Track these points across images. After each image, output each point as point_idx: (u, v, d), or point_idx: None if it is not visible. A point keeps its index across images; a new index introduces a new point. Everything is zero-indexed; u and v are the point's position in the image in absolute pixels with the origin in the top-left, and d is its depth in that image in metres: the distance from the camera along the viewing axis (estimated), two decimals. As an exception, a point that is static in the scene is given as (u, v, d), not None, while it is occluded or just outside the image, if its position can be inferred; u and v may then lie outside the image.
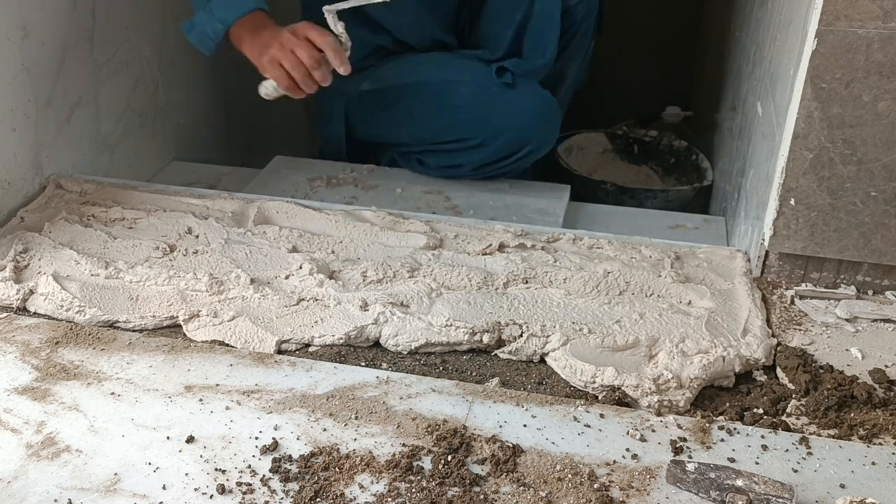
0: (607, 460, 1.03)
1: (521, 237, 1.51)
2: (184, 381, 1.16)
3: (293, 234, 1.52)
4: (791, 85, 1.33)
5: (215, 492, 0.97)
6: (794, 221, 1.36)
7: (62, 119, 1.71)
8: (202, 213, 1.59)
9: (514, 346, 1.24)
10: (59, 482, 0.99)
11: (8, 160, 1.58)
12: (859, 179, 1.31)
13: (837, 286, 1.40)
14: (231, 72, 2.37)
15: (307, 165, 2.05)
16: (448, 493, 0.97)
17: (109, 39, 1.81)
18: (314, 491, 0.97)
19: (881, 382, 1.18)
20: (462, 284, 1.38)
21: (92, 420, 1.09)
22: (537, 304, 1.33)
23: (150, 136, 2.03)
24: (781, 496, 0.93)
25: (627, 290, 1.37)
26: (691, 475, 0.97)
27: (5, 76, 1.53)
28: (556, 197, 1.91)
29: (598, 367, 1.17)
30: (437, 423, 1.08)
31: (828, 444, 1.06)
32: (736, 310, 1.32)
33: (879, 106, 1.26)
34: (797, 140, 1.30)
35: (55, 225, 1.52)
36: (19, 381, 1.15)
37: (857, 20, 1.22)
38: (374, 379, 1.17)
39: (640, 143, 2.58)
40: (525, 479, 0.99)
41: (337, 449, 1.04)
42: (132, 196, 1.65)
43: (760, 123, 1.61)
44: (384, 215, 1.58)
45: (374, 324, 1.27)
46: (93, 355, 1.21)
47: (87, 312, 1.30)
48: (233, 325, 1.27)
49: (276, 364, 1.20)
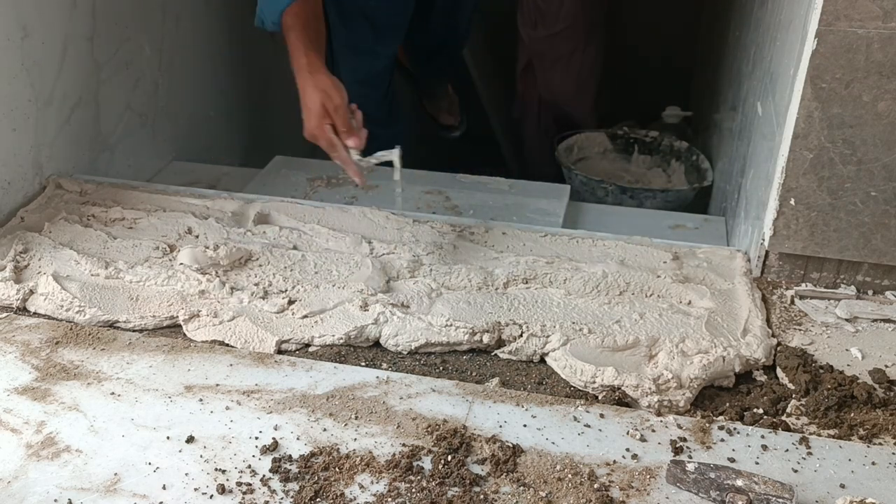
0: (607, 460, 1.03)
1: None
2: (184, 381, 1.16)
3: (293, 234, 1.52)
4: (791, 85, 1.33)
5: (215, 492, 0.97)
6: (794, 221, 1.36)
7: (62, 119, 1.71)
8: (202, 213, 1.59)
9: (514, 346, 1.24)
10: (59, 482, 0.99)
11: (8, 160, 1.58)
12: (859, 179, 1.31)
13: (837, 286, 1.40)
14: (231, 72, 2.37)
15: (307, 165, 2.05)
16: (448, 493, 0.97)
17: (109, 39, 1.81)
18: (314, 491, 0.97)
19: (881, 382, 1.18)
20: (462, 284, 1.38)
21: (92, 420, 1.08)
22: (537, 304, 1.33)
23: (150, 136, 2.03)
24: (781, 496, 0.93)
25: (627, 291, 1.37)
26: (691, 475, 0.97)
27: (5, 76, 1.53)
28: (556, 197, 1.91)
29: (598, 367, 1.17)
30: (437, 423, 1.08)
31: (828, 444, 1.06)
32: (736, 310, 1.32)
33: (879, 106, 1.26)
34: (797, 140, 1.30)
35: (55, 225, 1.52)
36: (19, 381, 1.15)
37: (857, 20, 1.22)
38: (374, 379, 1.17)
39: (640, 143, 2.58)
40: (525, 479, 0.99)
41: (337, 449, 1.04)
42: (132, 196, 1.65)
43: (760, 123, 1.60)
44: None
45: (374, 324, 1.27)
46: (93, 355, 1.21)
47: (87, 312, 1.30)
48: (233, 325, 1.27)
49: (276, 364, 1.20)
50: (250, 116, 2.52)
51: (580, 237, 1.54)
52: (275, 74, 2.63)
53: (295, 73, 1.54)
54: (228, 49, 2.34)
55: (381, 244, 1.49)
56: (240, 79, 2.43)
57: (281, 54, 1.62)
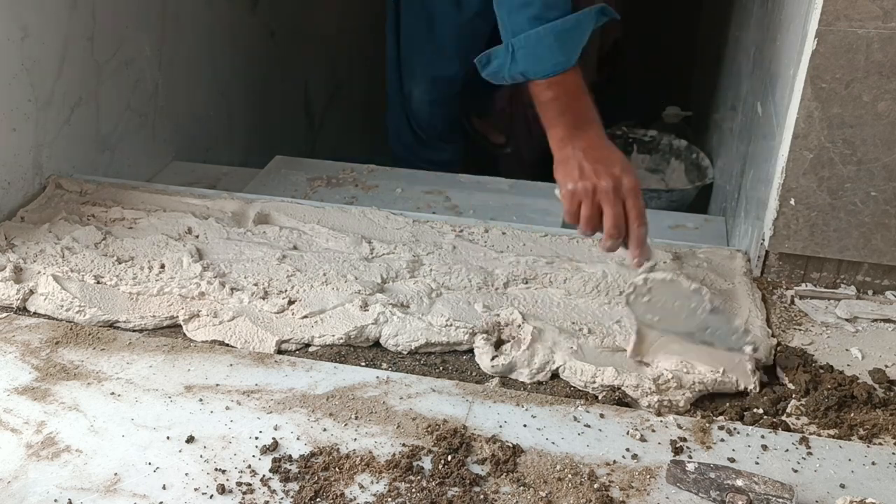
0: (607, 460, 1.03)
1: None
2: (184, 381, 1.16)
3: (293, 234, 1.52)
4: (791, 85, 1.33)
5: (215, 492, 0.97)
6: (794, 221, 1.36)
7: (62, 119, 1.71)
8: (202, 213, 1.59)
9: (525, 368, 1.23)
10: (59, 482, 0.99)
11: (8, 160, 1.58)
12: (859, 179, 1.31)
13: (837, 286, 1.40)
14: (231, 72, 2.37)
15: (307, 165, 2.06)
16: (448, 493, 0.97)
17: (109, 39, 1.81)
18: (314, 491, 0.97)
19: (881, 382, 1.18)
20: (462, 284, 1.38)
21: (92, 420, 1.08)
22: (537, 304, 1.33)
23: (150, 136, 2.03)
24: (781, 496, 0.93)
25: (627, 291, 1.37)
26: (691, 475, 0.97)
27: (5, 76, 1.53)
28: (557, 197, 1.91)
29: (598, 367, 1.17)
30: (437, 423, 1.08)
31: (828, 444, 1.06)
32: (736, 310, 1.32)
33: (879, 106, 1.26)
34: (797, 140, 1.30)
35: (55, 225, 1.52)
36: (19, 381, 1.15)
37: (857, 20, 1.22)
38: (374, 379, 1.17)
39: (638, 142, 2.58)
40: (525, 479, 0.99)
41: (337, 449, 1.04)
42: (132, 196, 1.65)
43: (760, 123, 1.61)
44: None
45: (374, 324, 1.27)
46: (93, 355, 1.21)
47: (87, 312, 1.29)
48: (233, 325, 1.27)
49: (276, 364, 1.20)
50: (250, 116, 2.52)
51: (580, 237, 1.54)
52: (275, 74, 2.64)
53: (556, 140, 1.26)
54: (228, 49, 2.34)
55: (381, 244, 1.49)
56: (240, 79, 2.43)
57: (281, 54, 1.62)
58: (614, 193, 1.20)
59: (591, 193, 1.21)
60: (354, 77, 3.29)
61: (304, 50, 2.85)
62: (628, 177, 1.21)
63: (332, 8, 3.05)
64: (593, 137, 1.25)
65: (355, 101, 3.32)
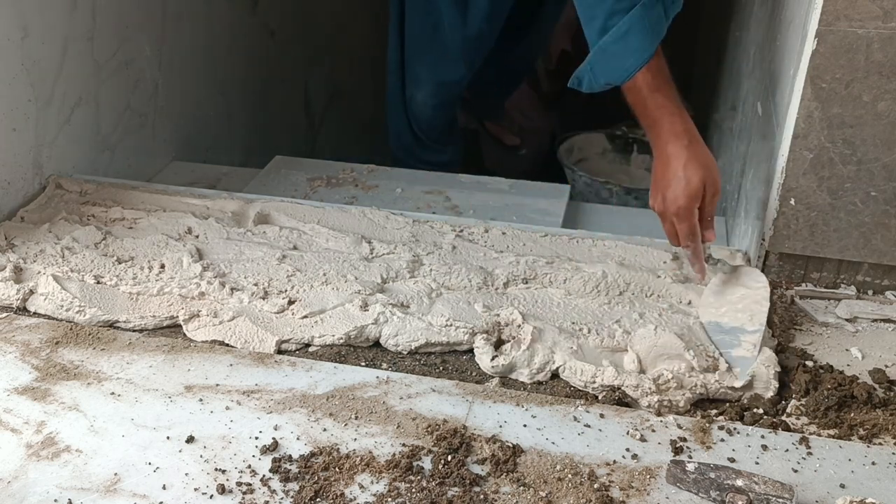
0: (607, 460, 1.03)
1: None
2: (184, 381, 1.16)
3: (293, 234, 1.52)
4: (791, 85, 1.33)
5: (215, 492, 0.97)
6: (794, 221, 1.36)
7: (62, 119, 1.71)
8: (202, 213, 1.59)
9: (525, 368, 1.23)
10: (59, 482, 0.99)
11: (8, 160, 1.58)
12: (859, 179, 1.31)
13: (837, 286, 1.40)
14: (231, 72, 2.37)
15: (307, 165, 2.05)
16: (448, 493, 0.97)
17: (109, 39, 1.81)
18: (314, 491, 0.97)
19: (881, 382, 1.18)
20: (462, 284, 1.38)
21: (92, 420, 1.08)
22: (537, 304, 1.33)
23: (150, 136, 2.03)
24: (781, 496, 0.93)
25: (627, 291, 1.37)
26: (691, 475, 0.97)
27: (5, 76, 1.53)
28: (556, 197, 1.91)
29: (598, 367, 1.17)
30: (437, 423, 1.08)
31: (828, 444, 1.06)
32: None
33: (879, 106, 1.26)
34: (797, 140, 1.30)
35: (55, 225, 1.52)
36: (19, 381, 1.15)
37: (857, 20, 1.22)
38: (374, 379, 1.17)
39: (638, 142, 2.58)
40: (525, 479, 0.99)
41: (337, 449, 1.04)
42: (132, 196, 1.65)
43: (760, 123, 1.60)
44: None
45: (374, 324, 1.27)
46: (93, 355, 1.21)
47: (87, 312, 1.29)
48: (233, 325, 1.27)
49: (276, 364, 1.20)
50: (250, 116, 2.52)
51: (580, 237, 1.54)
52: (275, 74, 2.64)
53: (659, 138, 1.31)
54: (228, 49, 2.34)
55: (381, 244, 1.49)
56: (240, 79, 2.43)
57: (281, 54, 1.62)
58: (688, 194, 1.29)
59: (671, 200, 1.32)
60: (354, 77, 3.29)
61: (304, 50, 2.86)
62: (706, 175, 1.29)
63: (332, 8, 3.05)
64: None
65: (355, 101, 3.32)
